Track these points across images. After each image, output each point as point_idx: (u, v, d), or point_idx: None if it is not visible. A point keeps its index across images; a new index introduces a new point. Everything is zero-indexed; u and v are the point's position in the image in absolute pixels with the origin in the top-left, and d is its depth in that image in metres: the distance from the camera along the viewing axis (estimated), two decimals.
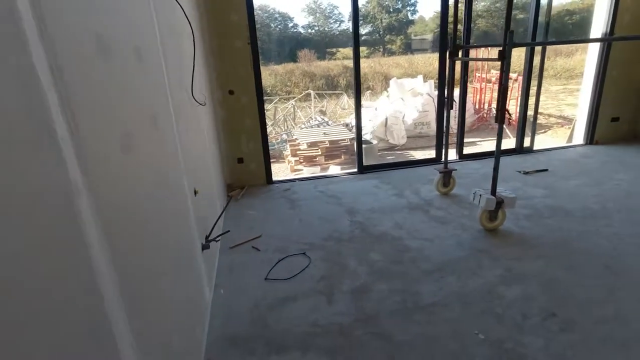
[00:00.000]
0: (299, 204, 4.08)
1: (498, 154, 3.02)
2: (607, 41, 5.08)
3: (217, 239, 2.75)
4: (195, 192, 2.37)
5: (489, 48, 8.46)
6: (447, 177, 4.02)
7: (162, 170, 1.66)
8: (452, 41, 3.43)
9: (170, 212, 1.71)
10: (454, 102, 3.79)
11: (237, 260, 3.03)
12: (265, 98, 8.06)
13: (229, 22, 4.13)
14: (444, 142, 4.02)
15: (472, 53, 8.33)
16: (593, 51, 5.31)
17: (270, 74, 17.27)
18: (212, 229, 2.79)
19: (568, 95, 12.42)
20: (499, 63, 2.92)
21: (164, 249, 1.53)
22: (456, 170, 4.03)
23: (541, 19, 4.86)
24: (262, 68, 4.53)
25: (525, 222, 3.34)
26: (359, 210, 3.82)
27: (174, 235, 1.72)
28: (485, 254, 2.87)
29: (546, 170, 4.59)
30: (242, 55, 4.27)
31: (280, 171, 6.92)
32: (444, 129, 4.11)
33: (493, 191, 3.12)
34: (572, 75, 16.07)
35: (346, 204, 3.98)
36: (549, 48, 8.67)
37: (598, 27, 5.10)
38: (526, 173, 4.52)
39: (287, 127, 9.06)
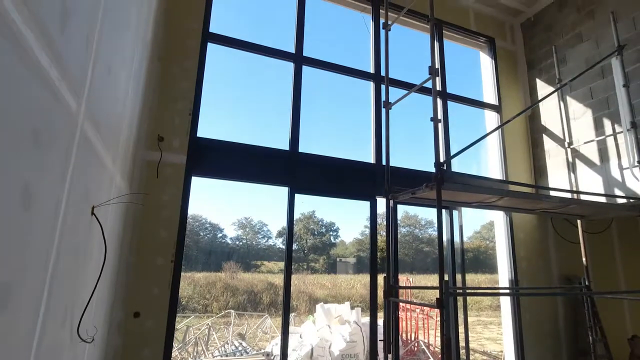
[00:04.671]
0: None
1: None
2: (538, 295, 5.56)
3: None
4: None
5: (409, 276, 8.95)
6: None
7: None
8: (387, 282, 3.41)
9: None
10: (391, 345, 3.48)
11: None
12: (177, 315, 7.08)
13: (156, 238, 3.86)
14: None
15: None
16: (505, 298, 5.73)
17: (190, 283, 16.22)
18: None
19: (484, 327, 12.92)
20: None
21: None
22: None
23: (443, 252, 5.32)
24: (182, 275, 4.04)
25: None
26: None
27: None
28: None
29: None
30: (162, 273, 3.83)
31: None
32: None
33: None
34: (481, 308, 17.27)
35: None
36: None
37: (504, 273, 5.69)
38: None
39: (197, 352, 7.73)
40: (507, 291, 5.52)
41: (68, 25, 1.37)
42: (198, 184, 4.26)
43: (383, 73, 4.71)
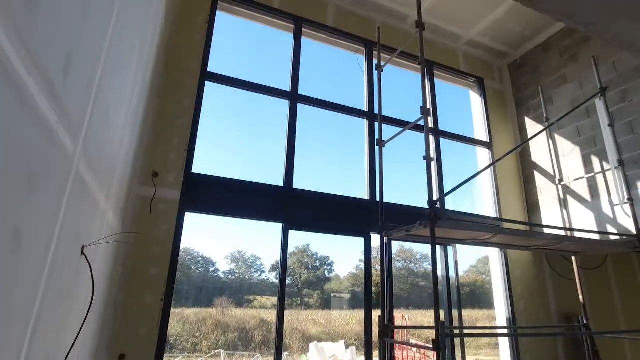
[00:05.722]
0: None
1: None
2: (530, 336, 5.45)
3: None
4: None
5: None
6: None
7: None
8: (382, 322, 3.33)
9: None
10: None
11: None
12: (164, 355, 6.76)
13: (147, 276, 3.77)
14: None
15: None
16: (504, 339, 5.60)
17: (179, 320, 15.66)
18: None
19: None
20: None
21: None
22: None
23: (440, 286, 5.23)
24: (171, 312, 3.90)
25: None
26: None
27: None
28: None
29: None
30: (150, 312, 3.71)
31: None
32: None
33: None
34: (479, 345, 16.80)
35: None
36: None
37: (501, 311, 5.58)
38: None
39: None
40: (505, 331, 5.40)
41: (71, 69, 1.40)
42: (192, 217, 4.23)
43: (376, 111, 4.82)
